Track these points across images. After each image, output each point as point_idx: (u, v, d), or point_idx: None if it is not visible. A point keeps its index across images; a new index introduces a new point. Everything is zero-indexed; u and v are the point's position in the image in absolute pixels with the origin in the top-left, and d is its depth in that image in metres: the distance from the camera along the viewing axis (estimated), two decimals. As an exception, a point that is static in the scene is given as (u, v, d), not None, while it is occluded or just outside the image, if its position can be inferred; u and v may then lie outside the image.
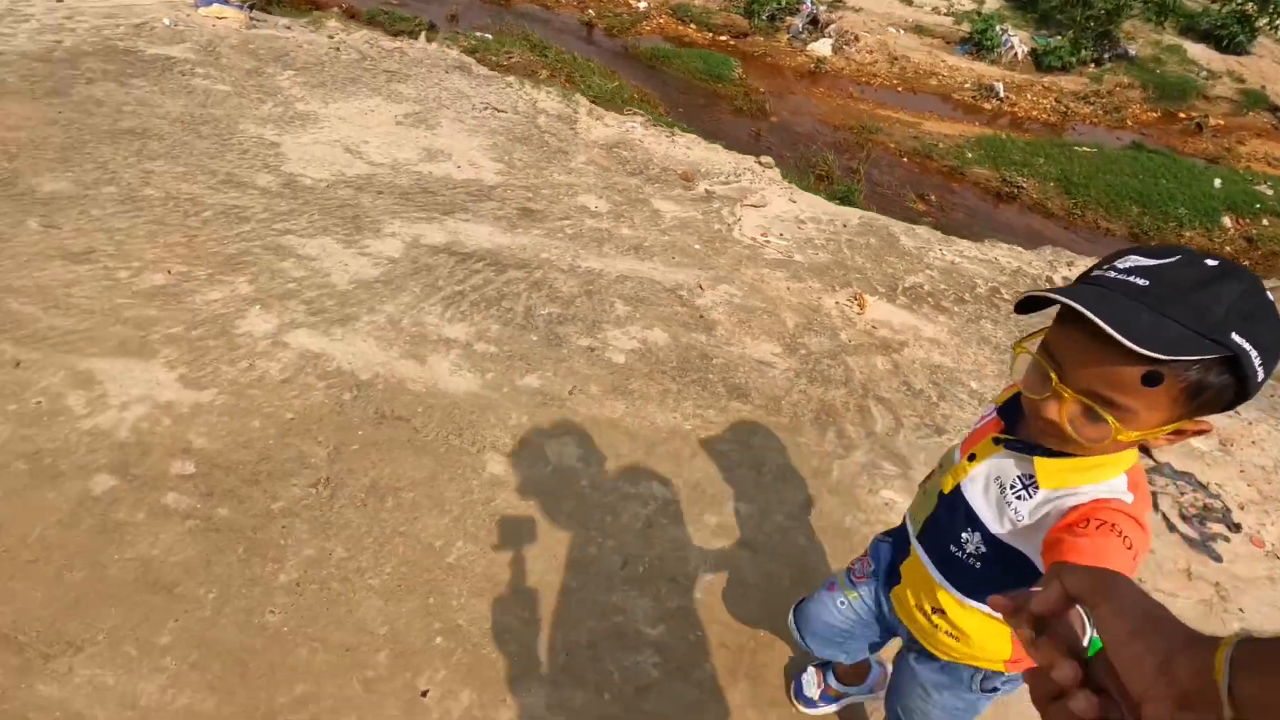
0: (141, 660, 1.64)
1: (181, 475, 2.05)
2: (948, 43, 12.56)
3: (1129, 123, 11.34)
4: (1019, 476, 1.04)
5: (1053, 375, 0.89)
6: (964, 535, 1.11)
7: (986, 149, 9.86)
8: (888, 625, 1.40)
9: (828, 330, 3.09)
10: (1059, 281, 3.79)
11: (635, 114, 5.06)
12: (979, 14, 12.33)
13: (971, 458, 1.12)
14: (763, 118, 10.30)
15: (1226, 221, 8.75)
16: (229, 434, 2.19)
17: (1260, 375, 0.80)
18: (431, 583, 1.89)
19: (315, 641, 1.73)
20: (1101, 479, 0.98)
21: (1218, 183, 9.23)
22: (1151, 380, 0.81)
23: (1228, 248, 8.48)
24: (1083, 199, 8.97)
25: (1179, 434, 0.89)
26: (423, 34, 6.34)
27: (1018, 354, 0.97)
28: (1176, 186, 9.22)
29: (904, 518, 1.30)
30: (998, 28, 11.94)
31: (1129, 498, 0.96)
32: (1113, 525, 0.91)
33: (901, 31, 12.72)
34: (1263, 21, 11.48)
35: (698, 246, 3.54)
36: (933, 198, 8.82)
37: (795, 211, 4.09)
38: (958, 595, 1.16)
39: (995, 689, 1.26)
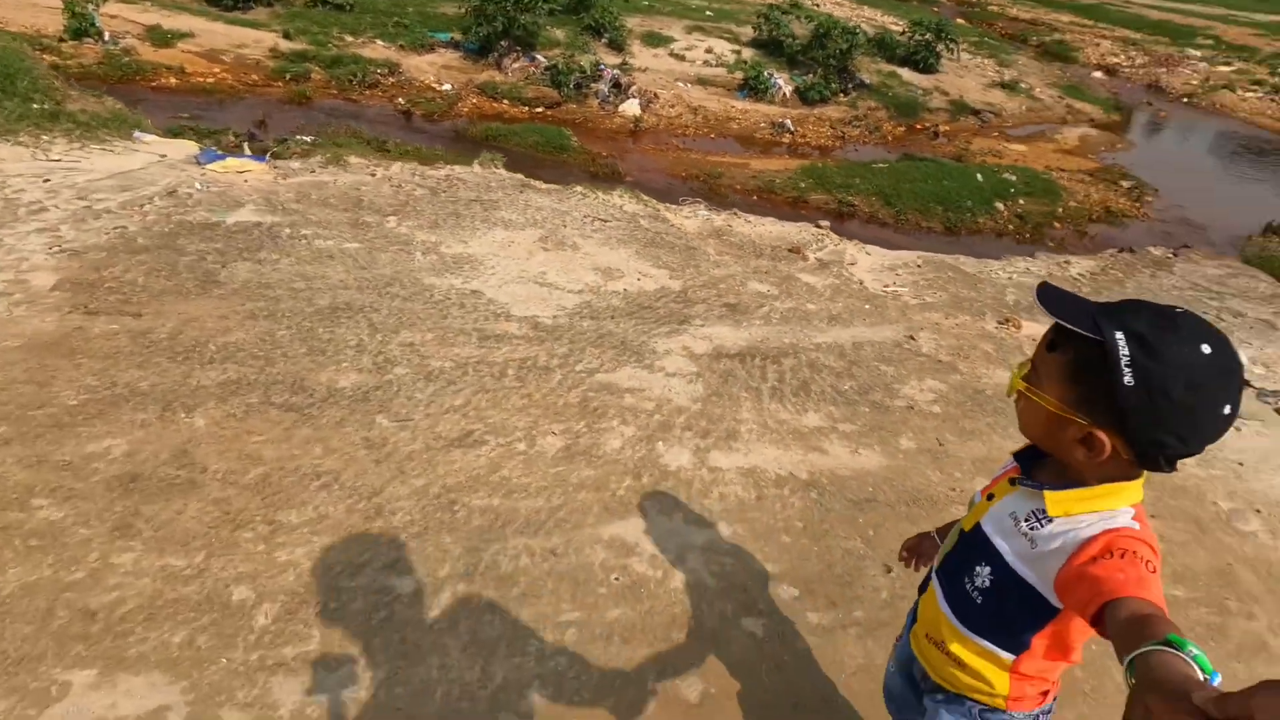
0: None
1: (786, 600, 2.30)
2: (728, 90, 14.18)
3: (888, 138, 13.74)
4: (1032, 510, 1.12)
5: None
6: (977, 568, 1.19)
7: (814, 177, 11.48)
8: (918, 689, 1.42)
9: (1019, 350, 3.94)
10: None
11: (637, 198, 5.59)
12: (745, 62, 14.10)
13: (990, 497, 1.22)
14: (618, 179, 11.10)
15: (999, 205, 11.13)
16: (780, 553, 2.45)
17: (1127, 378, 0.92)
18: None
19: None
20: (1106, 508, 1.06)
21: (979, 177, 11.56)
22: (1051, 346, 1.04)
23: (1009, 226, 10.85)
24: (900, 206, 10.85)
25: (1090, 443, 1.01)
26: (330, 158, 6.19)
27: None
28: (955, 185, 11.27)
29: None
30: (764, 72, 13.75)
31: (1136, 525, 1.04)
32: (1135, 553, 0.96)
33: (689, 85, 14.02)
34: (940, 48, 14.77)
35: (867, 307, 4.22)
36: (796, 224, 10.25)
37: (876, 262, 4.94)
38: (960, 628, 1.23)
39: None
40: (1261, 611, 2.56)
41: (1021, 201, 11.02)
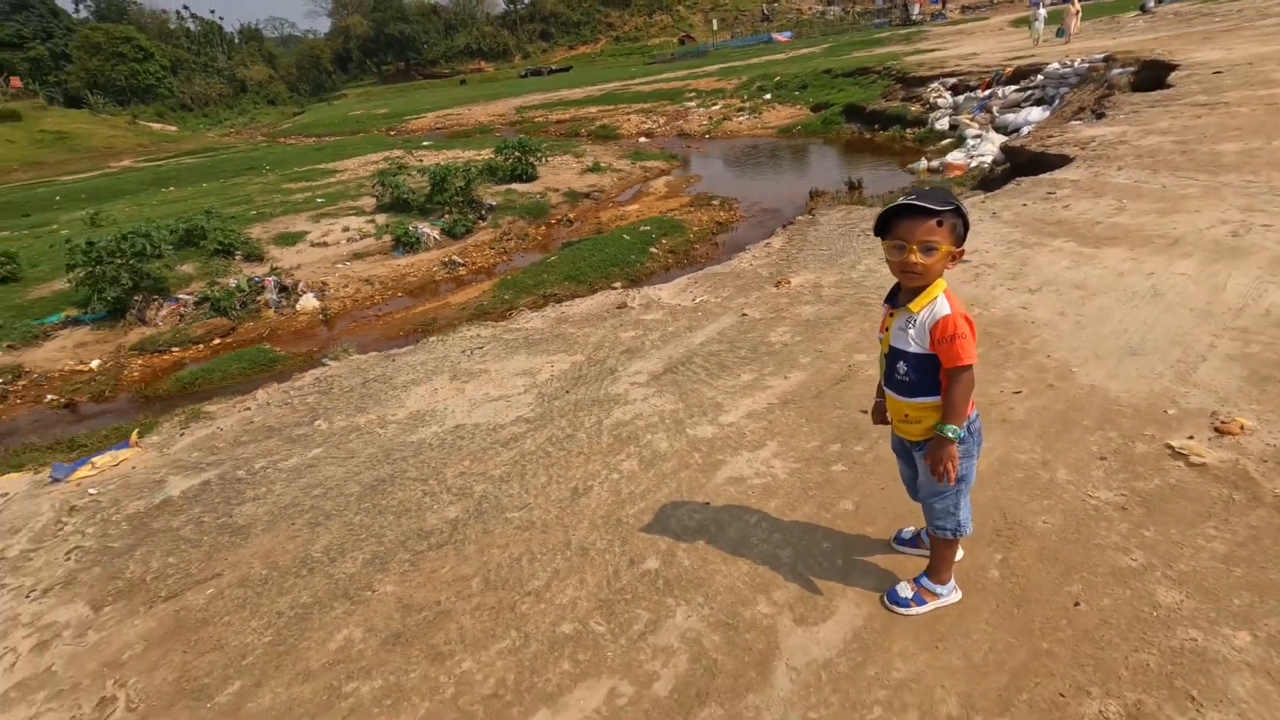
0: None
1: (839, 449, 3.61)
2: (385, 254, 15.04)
3: (539, 239, 15.87)
4: (905, 318, 2.07)
5: (904, 242, 1.97)
6: (900, 365, 2.13)
7: (511, 288, 13.08)
8: (907, 450, 2.39)
9: (799, 296, 5.80)
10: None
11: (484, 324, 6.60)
12: (385, 227, 15.13)
13: (886, 331, 2.18)
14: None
15: (653, 249, 13.93)
16: (810, 436, 3.75)
17: (969, 217, 1.98)
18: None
19: None
20: (933, 298, 2.01)
21: (626, 237, 14.13)
22: (940, 223, 1.93)
23: (669, 259, 13.66)
24: (589, 279, 12.98)
25: (955, 257, 1.99)
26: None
27: (886, 246, 2.04)
28: (615, 249, 13.48)
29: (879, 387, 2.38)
30: (409, 227, 15.05)
31: (948, 309, 1.99)
32: (954, 334, 1.97)
33: (348, 263, 14.50)
34: (532, 160, 17.77)
35: (700, 314, 5.77)
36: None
37: (670, 292, 6.58)
38: (908, 400, 2.17)
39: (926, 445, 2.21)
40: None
41: (664, 241, 13.79)
